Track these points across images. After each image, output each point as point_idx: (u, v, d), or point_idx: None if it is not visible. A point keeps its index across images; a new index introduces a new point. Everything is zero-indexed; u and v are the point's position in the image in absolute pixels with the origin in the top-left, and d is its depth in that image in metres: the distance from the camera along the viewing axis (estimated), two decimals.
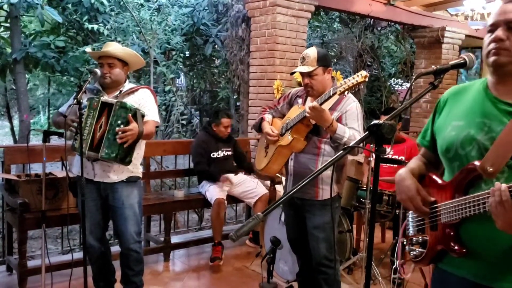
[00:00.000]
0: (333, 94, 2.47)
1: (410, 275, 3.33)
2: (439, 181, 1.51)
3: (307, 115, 2.52)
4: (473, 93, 1.47)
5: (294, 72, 2.78)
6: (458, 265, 1.44)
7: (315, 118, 2.51)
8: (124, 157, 2.77)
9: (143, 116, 2.83)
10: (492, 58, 1.35)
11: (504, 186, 1.23)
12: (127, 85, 3.01)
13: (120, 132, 2.69)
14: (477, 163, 1.35)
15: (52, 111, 11.40)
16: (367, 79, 2.40)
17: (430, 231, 1.51)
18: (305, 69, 2.65)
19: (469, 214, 1.34)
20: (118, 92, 2.94)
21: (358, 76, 2.38)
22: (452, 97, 1.53)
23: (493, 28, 1.37)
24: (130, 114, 2.72)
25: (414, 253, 1.56)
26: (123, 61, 2.95)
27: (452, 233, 1.41)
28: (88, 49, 3.09)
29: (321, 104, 2.50)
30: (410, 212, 1.62)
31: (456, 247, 1.40)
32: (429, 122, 1.61)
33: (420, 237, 1.55)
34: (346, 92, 2.44)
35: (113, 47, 2.95)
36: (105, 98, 2.82)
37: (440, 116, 1.55)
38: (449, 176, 1.50)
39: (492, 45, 1.35)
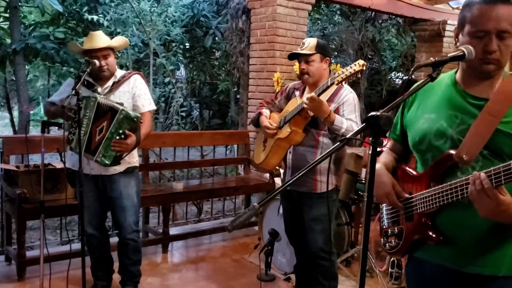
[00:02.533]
0: (331, 84, 2.47)
1: (386, 267, 3.39)
2: (413, 172, 1.56)
3: (305, 106, 2.51)
4: (442, 87, 1.52)
5: (293, 55, 2.76)
6: (434, 253, 1.49)
7: (313, 109, 2.50)
8: (117, 162, 2.80)
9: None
10: (483, 67, 1.39)
11: (483, 175, 1.27)
12: (118, 74, 2.96)
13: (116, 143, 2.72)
14: (453, 151, 1.41)
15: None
16: (364, 68, 2.40)
17: (405, 222, 1.56)
18: (303, 51, 2.67)
19: (447, 201, 1.39)
20: (112, 83, 2.90)
21: (355, 65, 2.38)
22: (421, 92, 1.55)
23: (482, 34, 1.37)
24: (129, 130, 2.72)
25: (390, 244, 1.59)
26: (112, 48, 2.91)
27: (428, 222, 1.46)
28: (72, 47, 3.00)
29: (319, 95, 2.50)
30: (384, 205, 1.68)
31: (433, 235, 1.45)
32: (398, 117, 1.66)
33: (395, 229, 1.59)
34: (344, 82, 2.43)
35: (104, 37, 2.87)
36: (107, 101, 2.77)
37: (409, 110, 1.61)
38: (422, 167, 1.55)
39: (486, 56, 1.37)
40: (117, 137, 2.71)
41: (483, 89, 1.43)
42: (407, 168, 1.60)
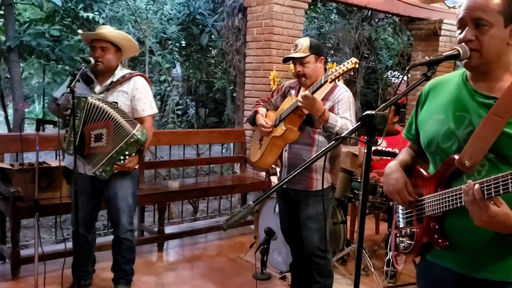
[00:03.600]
0: (325, 82, 2.49)
1: (403, 266, 3.36)
2: (425, 173, 1.52)
3: (300, 104, 2.52)
4: (452, 86, 1.47)
5: (287, 59, 2.77)
6: (443, 256, 1.46)
7: (308, 107, 2.51)
8: (113, 173, 2.84)
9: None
10: (463, 61, 1.34)
11: (477, 185, 1.22)
12: (118, 73, 2.92)
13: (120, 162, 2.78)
14: (456, 157, 1.36)
15: (47, 101, 11.35)
16: (357, 66, 2.41)
17: (417, 223, 1.53)
18: (297, 54, 2.67)
19: (449, 207, 1.37)
20: (109, 82, 2.88)
21: (348, 63, 2.40)
22: (433, 90, 1.52)
23: (461, 24, 1.35)
24: (134, 151, 2.78)
25: (404, 245, 1.58)
26: (117, 46, 2.87)
27: (436, 226, 1.43)
28: (80, 31, 3.01)
29: (313, 93, 2.52)
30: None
31: (439, 240, 1.42)
32: (412, 116, 1.62)
33: (408, 229, 1.57)
34: (337, 80, 2.44)
35: (107, 30, 2.85)
36: (101, 103, 2.74)
37: (422, 109, 1.56)
38: (433, 169, 1.51)
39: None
40: (121, 157, 2.75)
41: (492, 86, 1.36)
42: (420, 168, 1.55)
